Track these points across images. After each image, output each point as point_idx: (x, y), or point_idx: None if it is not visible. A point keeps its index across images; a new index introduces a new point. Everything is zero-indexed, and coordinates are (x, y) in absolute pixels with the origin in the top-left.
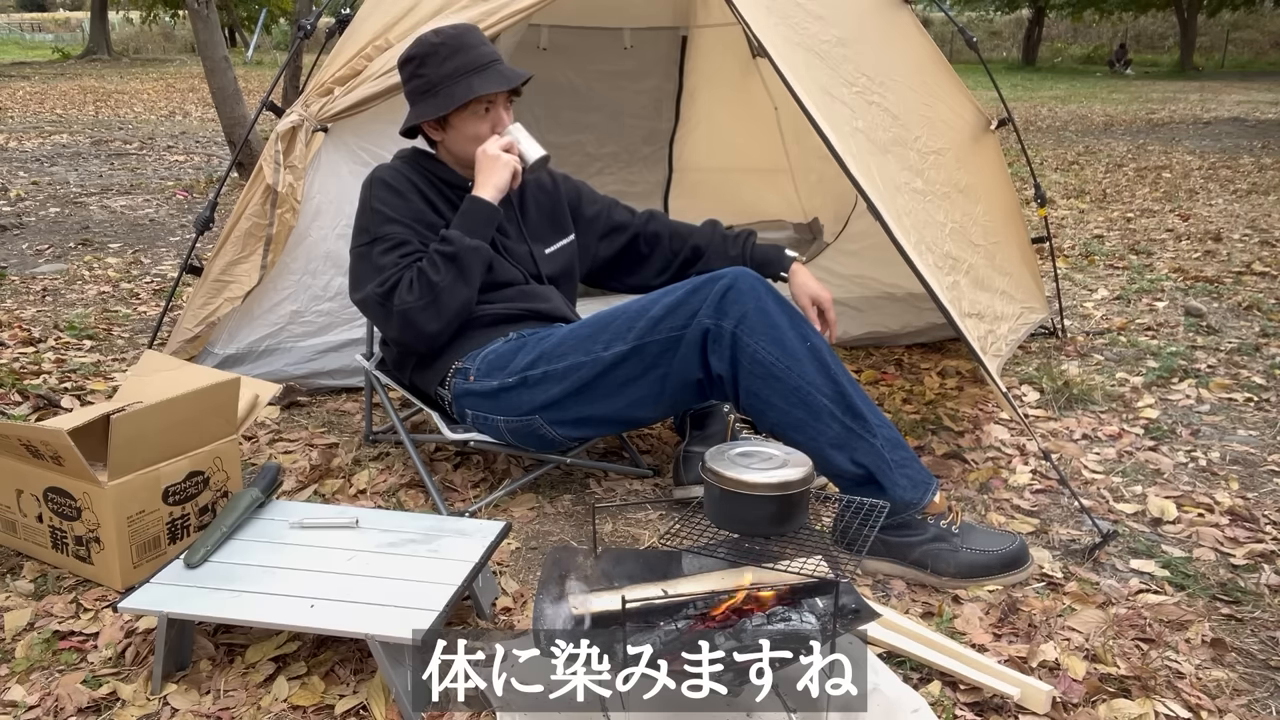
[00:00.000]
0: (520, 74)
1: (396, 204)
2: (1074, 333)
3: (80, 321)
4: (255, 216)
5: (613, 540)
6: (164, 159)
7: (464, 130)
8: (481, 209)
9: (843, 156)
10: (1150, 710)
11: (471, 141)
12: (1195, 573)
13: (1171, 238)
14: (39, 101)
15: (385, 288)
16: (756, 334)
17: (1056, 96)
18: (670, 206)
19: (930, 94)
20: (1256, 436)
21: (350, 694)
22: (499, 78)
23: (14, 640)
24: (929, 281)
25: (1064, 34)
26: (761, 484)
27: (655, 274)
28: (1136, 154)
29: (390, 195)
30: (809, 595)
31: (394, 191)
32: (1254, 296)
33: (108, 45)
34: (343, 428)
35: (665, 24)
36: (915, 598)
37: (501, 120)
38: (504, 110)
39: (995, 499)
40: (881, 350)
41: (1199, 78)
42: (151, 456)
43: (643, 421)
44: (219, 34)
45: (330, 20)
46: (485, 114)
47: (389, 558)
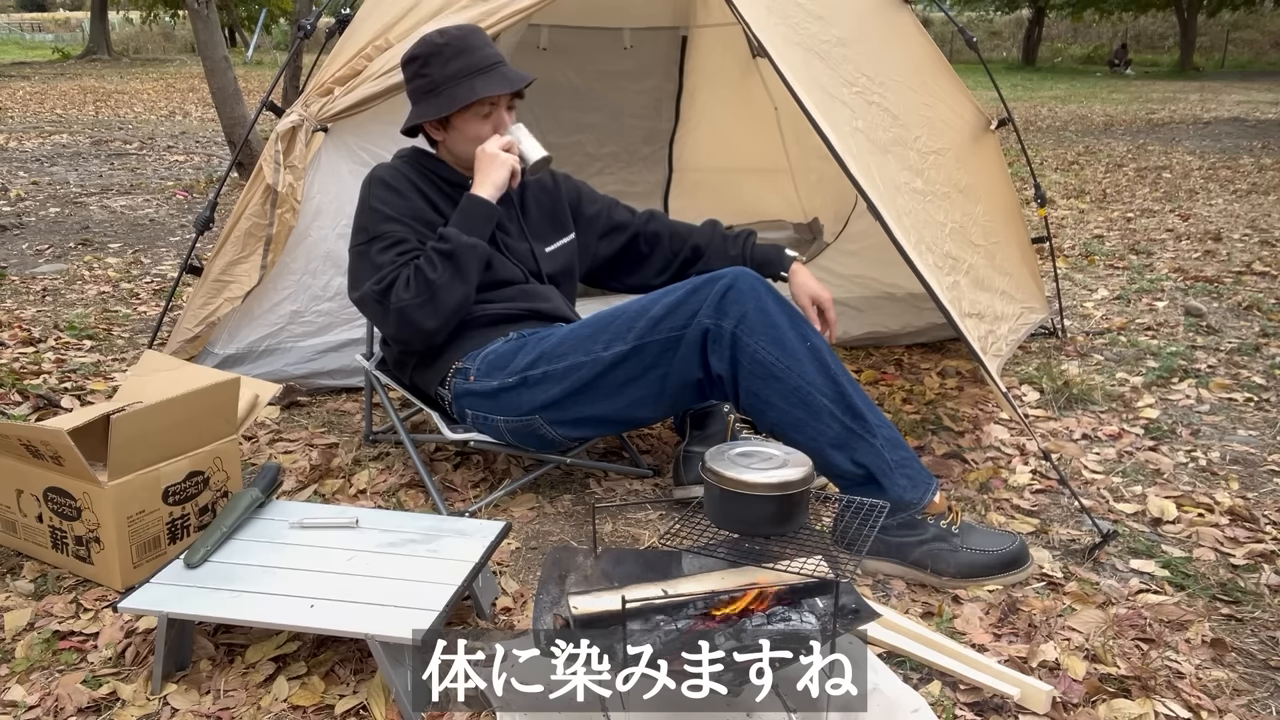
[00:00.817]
0: (523, 76)
1: (395, 202)
2: (1074, 333)
3: (80, 321)
4: (255, 216)
5: (613, 540)
6: (164, 159)
7: (466, 131)
8: (479, 207)
9: (843, 156)
10: (1150, 710)
11: (473, 142)
12: (1195, 573)
13: (1171, 238)
14: (39, 101)
15: (382, 285)
16: (756, 334)
17: (1056, 96)
18: (670, 206)
19: (930, 94)
20: (1256, 436)
21: (350, 694)
22: (502, 80)
23: (14, 640)
24: (929, 281)
25: (1064, 34)
26: (761, 484)
27: (655, 274)
28: (1136, 154)
29: (389, 194)
30: (809, 595)
31: (393, 190)
32: (1254, 296)
33: (108, 45)
34: (343, 428)
35: (665, 24)
36: (915, 598)
37: (503, 122)
38: (506, 112)
39: (995, 499)
40: (881, 350)
41: (1199, 78)
42: (151, 456)
43: (643, 421)
44: (219, 34)
45: (330, 20)
46: (487, 116)
47: (389, 558)
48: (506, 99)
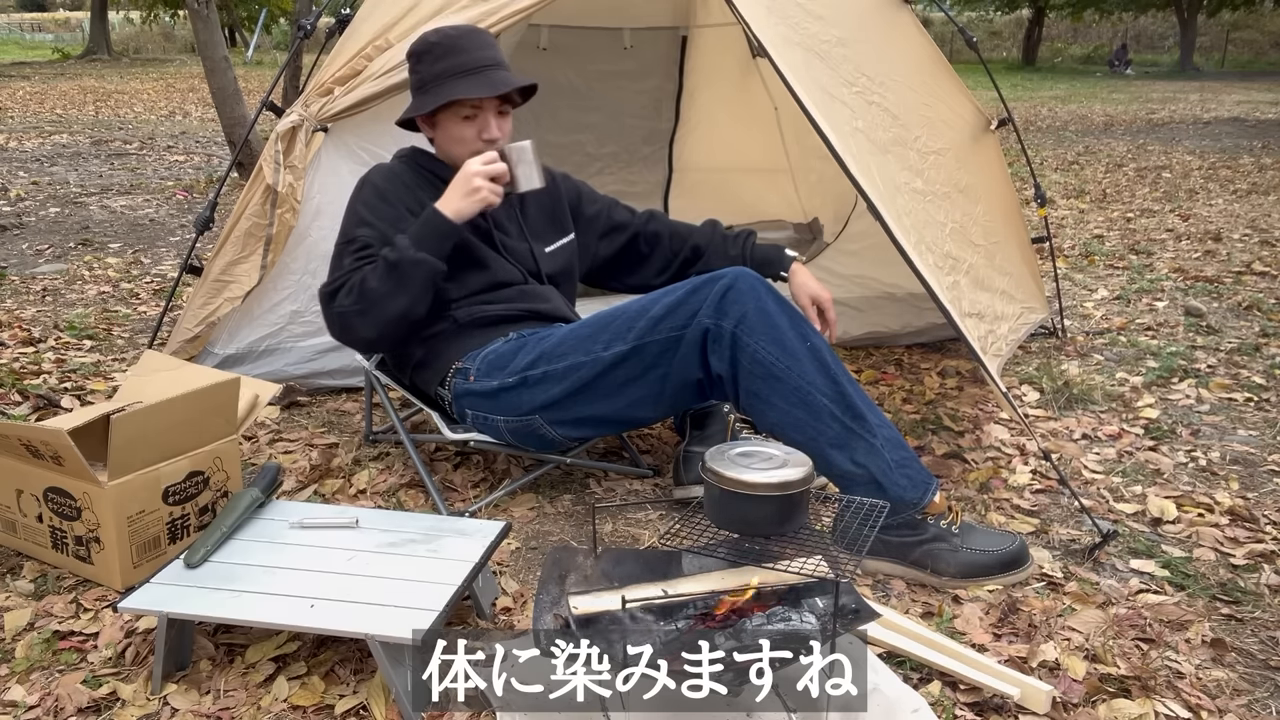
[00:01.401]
0: (510, 82)
1: (378, 207)
2: (1074, 333)
3: (80, 321)
4: (255, 216)
5: (613, 540)
6: (164, 159)
7: (449, 131)
8: (439, 225)
9: (843, 156)
10: (1150, 710)
11: (456, 143)
12: (1195, 573)
13: (1171, 238)
14: (39, 101)
15: (331, 288)
16: (756, 334)
17: (1056, 96)
18: (670, 206)
19: (930, 94)
20: (1256, 436)
21: (350, 694)
22: (483, 84)
23: (14, 640)
24: (929, 281)
25: (1064, 34)
26: (761, 484)
27: (655, 274)
28: (1136, 154)
29: (374, 198)
30: (809, 595)
31: (379, 194)
32: (1254, 296)
33: (108, 45)
34: (343, 428)
35: (665, 24)
36: (915, 598)
37: (488, 126)
38: (493, 117)
39: (995, 499)
40: (881, 350)
41: (1199, 78)
42: (151, 456)
43: (643, 421)
44: (219, 34)
45: (330, 20)
46: (469, 118)
47: (389, 558)
48: (494, 105)
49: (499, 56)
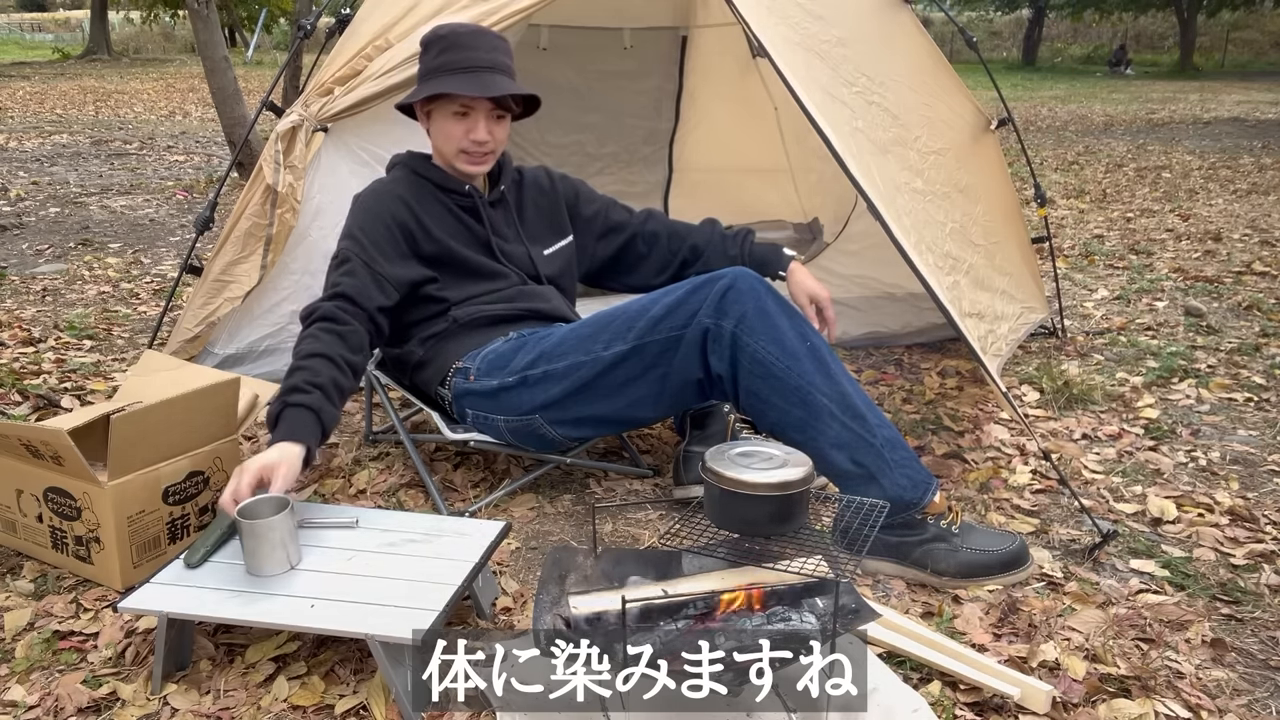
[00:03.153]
0: (502, 87)
1: (364, 225)
2: (1074, 333)
3: (80, 321)
4: (255, 216)
5: (613, 540)
6: (164, 159)
7: (439, 124)
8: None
9: (843, 156)
10: (1150, 710)
11: (444, 138)
12: (1195, 573)
13: (1171, 238)
14: (39, 101)
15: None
16: (756, 334)
17: (1056, 96)
18: (670, 206)
19: (930, 94)
20: (1256, 436)
21: (350, 694)
22: (474, 84)
23: (14, 640)
24: (929, 281)
25: (1064, 34)
26: (761, 484)
27: (654, 273)
28: (1136, 154)
29: (364, 217)
30: (809, 595)
31: (369, 214)
32: (1254, 296)
33: (108, 45)
34: (343, 428)
35: (665, 24)
36: (915, 598)
37: (477, 128)
38: (484, 119)
39: (995, 499)
40: (881, 350)
41: (1199, 78)
42: (151, 456)
43: (643, 421)
44: (219, 34)
45: (330, 20)
46: (460, 117)
47: (389, 558)
48: (487, 107)
49: (502, 61)
